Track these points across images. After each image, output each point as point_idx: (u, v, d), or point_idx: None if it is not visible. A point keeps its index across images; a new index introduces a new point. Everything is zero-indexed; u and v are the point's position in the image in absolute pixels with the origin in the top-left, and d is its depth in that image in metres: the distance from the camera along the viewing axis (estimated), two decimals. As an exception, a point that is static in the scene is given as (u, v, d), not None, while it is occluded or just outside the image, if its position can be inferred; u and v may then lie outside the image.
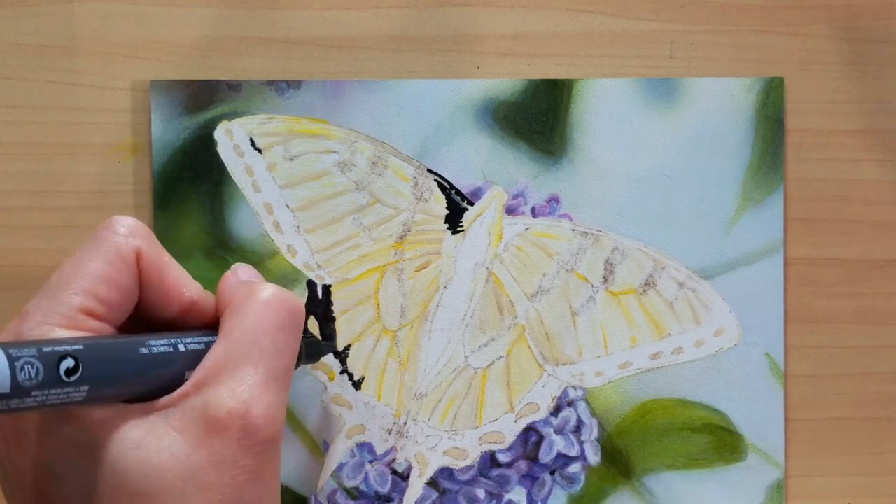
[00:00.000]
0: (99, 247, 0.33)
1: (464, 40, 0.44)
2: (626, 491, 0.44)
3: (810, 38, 0.44)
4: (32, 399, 0.28)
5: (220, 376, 0.32)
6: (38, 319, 0.31)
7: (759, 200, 0.44)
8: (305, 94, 0.43)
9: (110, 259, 0.33)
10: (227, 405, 0.31)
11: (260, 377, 0.32)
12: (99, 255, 0.33)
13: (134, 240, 0.33)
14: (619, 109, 0.44)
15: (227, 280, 0.36)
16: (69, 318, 0.31)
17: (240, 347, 0.33)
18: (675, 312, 0.44)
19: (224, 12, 0.44)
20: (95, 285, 0.32)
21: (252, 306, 0.34)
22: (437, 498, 0.43)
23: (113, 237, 0.33)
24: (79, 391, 0.29)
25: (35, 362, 0.28)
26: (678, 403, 0.44)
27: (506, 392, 0.44)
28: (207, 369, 0.32)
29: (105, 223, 0.34)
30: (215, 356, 0.33)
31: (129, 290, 0.33)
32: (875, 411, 0.45)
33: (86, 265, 0.32)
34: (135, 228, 0.34)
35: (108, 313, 0.32)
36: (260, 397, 0.32)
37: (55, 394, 0.28)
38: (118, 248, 0.33)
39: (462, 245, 0.44)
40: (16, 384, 0.27)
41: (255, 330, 0.33)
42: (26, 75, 0.43)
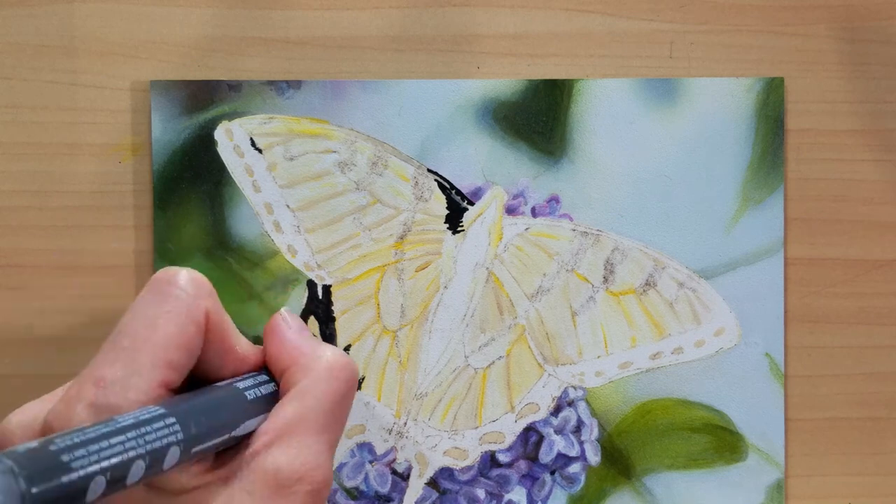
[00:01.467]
0: (171, 307, 0.32)
1: (464, 40, 0.44)
2: (626, 491, 0.44)
3: (810, 38, 0.44)
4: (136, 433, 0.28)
5: (292, 439, 0.32)
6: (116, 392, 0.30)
7: (759, 200, 0.44)
8: (305, 94, 0.43)
9: (183, 322, 0.32)
10: (298, 472, 0.32)
11: (325, 444, 0.33)
12: (171, 318, 0.32)
13: (202, 301, 0.33)
14: (619, 109, 0.44)
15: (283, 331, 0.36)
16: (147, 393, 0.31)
17: (314, 412, 0.33)
18: (675, 312, 0.44)
19: (224, 12, 0.44)
20: (169, 353, 0.31)
21: (324, 373, 0.34)
22: (438, 498, 0.44)
23: (184, 297, 0.32)
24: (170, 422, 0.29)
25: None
26: (678, 403, 0.44)
27: (506, 392, 0.44)
28: (279, 429, 0.32)
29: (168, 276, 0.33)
30: (286, 417, 0.33)
31: (196, 353, 0.33)
32: (875, 411, 0.45)
33: (160, 328, 0.31)
34: (202, 287, 0.33)
35: (178, 379, 0.32)
36: (325, 465, 0.33)
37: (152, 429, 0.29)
38: (190, 311, 0.32)
39: (462, 245, 0.44)
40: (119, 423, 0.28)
41: (326, 397, 0.34)
42: (26, 75, 0.43)
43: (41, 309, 0.43)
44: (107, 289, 0.43)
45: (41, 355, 0.43)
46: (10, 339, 0.43)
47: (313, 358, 0.34)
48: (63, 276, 0.43)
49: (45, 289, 0.43)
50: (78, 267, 0.43)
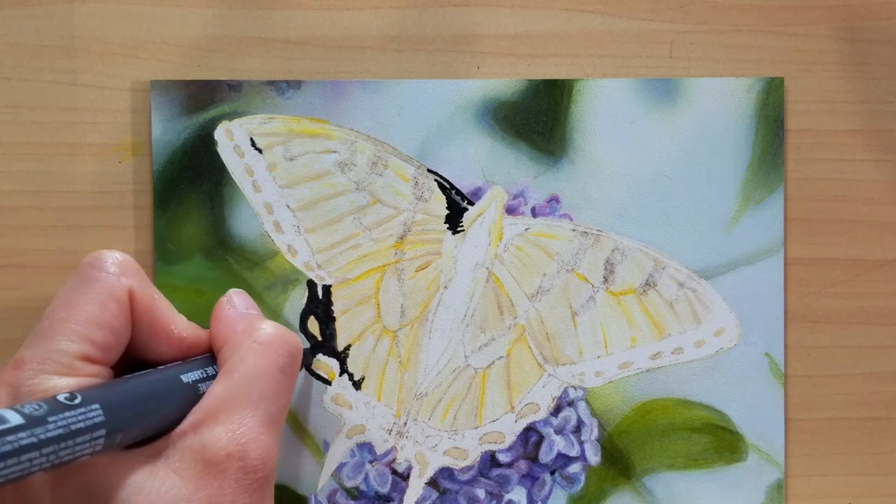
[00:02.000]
0: (91, 287, 0.32)
1: (464, 40, 0.44)
2: (626, 491, 0.44)
3: (810, 38, 0.44)
4: (54, 425, 0.28)
5: (220, 417, 0.32)
6: (34, 368, 0.30)
7: (759, 200, 0.44)
8: (305, 94, 0.43)
9: (103, 301, 0.32)
10: (226, 448, 0.31)
11: (258, 419, 0.32)
12: (92, 298, 0.32)
13: (126, 279, 0.33)
14: (619, 109, 0.44)
15: (224, 310, 0.36)
16: (66, 365, 0.31)
17: (240, 388, 0.33)
18: (675, 312, 0.44)
19: (224, 12, 0.44)
20: (91, 330, 0.31)
21: (252, 346, 0.34)
22: (438, 498, 0.43)
23: (104, 277, 0.33)
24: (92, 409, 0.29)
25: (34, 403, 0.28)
26: (678, 403, 0.44)
27: (506, 392, 0.44)
28: (207, 408, 0.32)
29: (91, 259, 0.33)
30: (214, 396, 0.33)
31: (122, 331, 0.33)
32: (875, 411, 0.45)
33: (79, 308, 0.32)
34: (125, 266, 0.33)
35: (103, 356, 0.32)
36: (258, 439, 0.32)
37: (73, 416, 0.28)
38: (111, 289, 0.32)
39: (462, 245, 0.44)
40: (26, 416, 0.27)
41: (255, 371, 0.33)
42: (26, 75, 0.43)
43: (41, 309, 0.43)
44: (107, 289, 0.43)
45: (41, 355, 0.43)
46: (10, 338, 0.43)
47: (245, 334, 0.34)
48: (63, 276, 0.43)
49: (45, 289, 0.43)
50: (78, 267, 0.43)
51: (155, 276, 0.43)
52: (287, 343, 0.35)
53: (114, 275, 0.33)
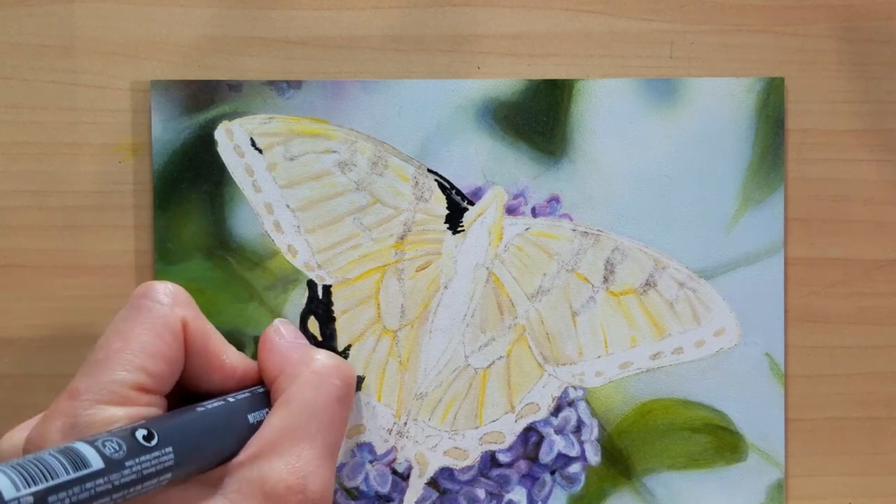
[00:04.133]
0: (145, 318, 0.32)
1: (464, 40, 0.44)
2: (626, 491, 0.44)
3: (810, 38, 0.44)
4: (130, 471, 0.28)
5: (279, 449, 0.32)
6: (90, 398, 0.30)
7: (759, 200, 0.44)
8: (305, 94, 0.43)
9: (158, 331, 0.32)
10: (286, 481, 0.31)
11: (317, 451, 0.32)
12: (146, 328, 0.32)
13: (179, 310, 0.33)
14: (619, 109, 0.44)
15: (274, 341, 0.36)
16: (121, 395, 0.31)
17: (298, 420, 0.33)
18: (675, 312, 0.44)
19: (224, 12, 0.44)
20: (145, 360, 0.31)
21: (310, 377, 0.34)
22: (438, 498, 0.43)
23: (158, 308, 0.32)
24: (165, 454, 0.29)
25: (113, 439, 0.28)
26: (678, 403, 0.44)
27: (506, 392, 0.44)
28: (265, 440, 0.32)
29: (144, 290, 0.33)
30: (273, 427, 0.32)
31: (176, 362, 0.33)
32: (875, 411, 0.45)
33: (134, 339, 0.32)
34: (178, 297, 0.33)
35: (157, 386, 0.32)
36: (317, 472, 0.32)
37: (147, 461, 0.28)
38: (165, 320, 0.32)
39: (462, 245, 0.44)
40: (106, 458, 0.27)
41: (314, 402, 0.33)
42: (26, 75, 0.43)
43: (41, 309, 0.43)
44: (107, 289, 0.43)
45: (41, 355, 0.43)
46: (10, 338, 0.43)
47: (300, 364, 0.34)
48: (63, 276, 0.43)
49: (45, 289, 0.43)
50: (78, 267, 0.43)
51: (155, 276, 0.43)
52: (342, 373, 0.35)
53: (167, 305, 0.33)
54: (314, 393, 0.33)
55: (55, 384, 0.44)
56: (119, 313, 0.33)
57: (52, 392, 0.43)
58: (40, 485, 0.25)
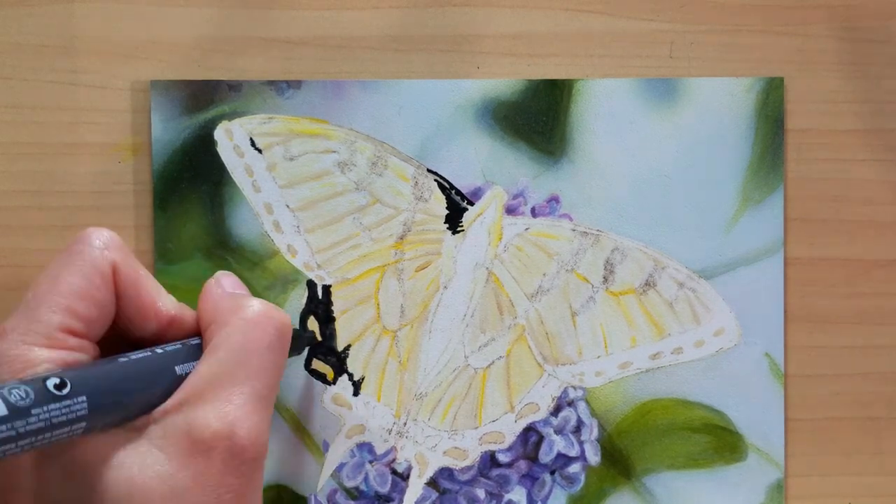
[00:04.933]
0: (74, 261, 0.32)
1: (464, 40, 0.44)
2: (626, 491, 0.44)
3: (810, 38, 0.44)
4: (37, 418, 0.28)
5: (206, 395, 0.32)
6: (15, 339, 0.30)
7: (759, 200, 0.44)
8: (305, 94, 0.43)
9: (87, 274, 0.32)
10: (212, 426, 0.31)
11: (246, 397, 0.32)
12: (75, 270, 0.32)
13: (109, 253, 0.33)
14: (619, 109, 0.44)
15: (212, 291, 0.36)
16: (48, 336, 0.31)
17: (226, 366, 0.32)
18: (675, 312, 0.44)
19: (224, 12, 0.44)
20: (73, 302, 0.31)
21: (239, 323, 0.33)
22: (437, 498, 0.43)
23: (88, 251, 0.33)
24: (78, 402, 0.29)
25: (20, 386, 0.28)
26: (678, 403, 0.44)
27: (506, 392, 0.44)
28: (192, 387, 0.32)
29: (80, 236, 0.33)
30: (200, 374, 0.32)
31: (106, 305, 0.33)
32: (875, 411, 0.45)
33: (62, 281, 0.32)
34: (110, 241, 0.33)
35: (86, 330, 0.32)
36: (246, 418, 0.32)
37: (57, 409, 0.28)
38: (94, 263, 0.32)
39: (462, 245, 0.44)
40: (11, 406, 0.27)
41: (242, 349, 0.33)
42: (26, 75, 0.43)
43: (41, 309, 0.43)
44: (107, 289, 0.43)
45: (41, 355, 0.43)
46: (10, 338, 0.43)
47: (231, 312, 0.34)
48: (63, 276, 0.43)
49: (45, 289, 0.43)
50: (78, 267, 0.43)
51: (155, 276, 0.43)
52: (274, 319, 0.34)
53: (98, 248, 0.33)
54: (243, 339, 0.33)
55: (55, 384, 0.44)
56: (54, 258, 0.33)
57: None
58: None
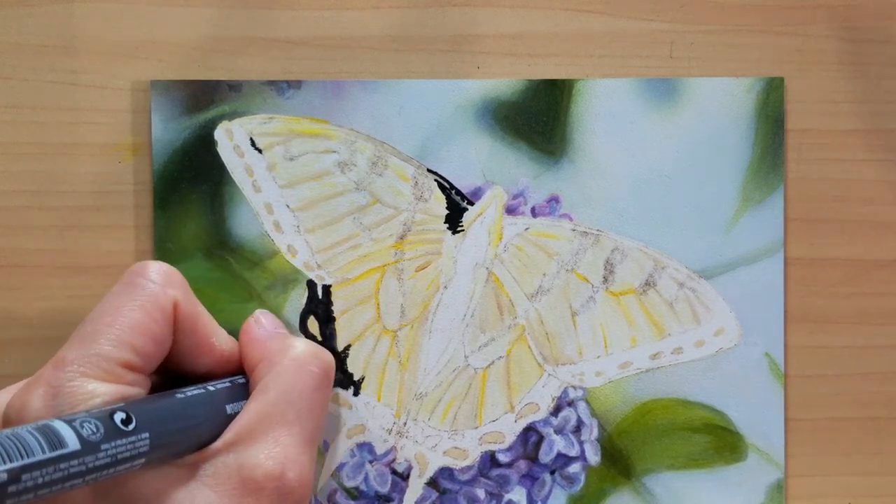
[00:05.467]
0: (136, 295, 0.32)
1: (464, 40, 0.44)
2: (626, 491, 0.44)
3: (810, 38, 0.44)
4: (104, 454, 0.28)
5: (256, 435, 0.32)
6: (74, 370, 0.30)
7: (759, 200, 0.44)
8: (305, 94, 0.43)
9: (148, 309, 0.32)
10: (263, 466, 0.31)
11: (295, 438, 0.32)
12: (137, 306, 0.32)
13: (171, 290, 0.33)
14: (619, 109, 0.44)
15: (254, 330, 0.36)
16: (107, 370, 0.30)
17: (276, 407, 0.33)
18: (675, 312, 0.44)
19: (224, 12, 0.44)
20: (134, 337, 0.31)
21: (288, 364, 0.34)
22: (437, 498, 0.44)
23: (150, 286, 0.32)
24: (141, 439, 0.29)
25: (91, 420, 0.28)
26: (678, 403, 0.44)
27: (506, 392, 0.44)
28: (243, 426, 0.32)
29: (138, 268, 0.33)
30: (250, 414, 0.32)
31: (164, 341, 0.33)
32: (875, 411, 0.45)
33: (124, 315, 0.32)
34: (171, 277, 0.33)
35: (143, 364, 0.32)
36: (295, 459, 0.32)
37: (123, 445, 0.28)
38: (156, 299, 0.32)
39: (462, 245, 0.44)
40: (83, 440, 0.27)
41: (291, 390, 0.33)
42: (26, 75, 0.43)
43: (41, 309, 0.43)
44: (107, 289, 0.43)
45: (41, 355, 0.43)
46: (10, 339, 0.43)
47: (279, 353, 0.34)
48: (63, 276, 0.43)
49: (45, 289, 0.43)
50: (78, 267, 0.43)
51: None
52: (320, 360, 0.35)
53: (159, 285, 0.33)
54: (292, 380, 0.33)
55: (55, 384, 0.44)
56: (112, 289, 0.33)
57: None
58: (16, 462, 0.25)
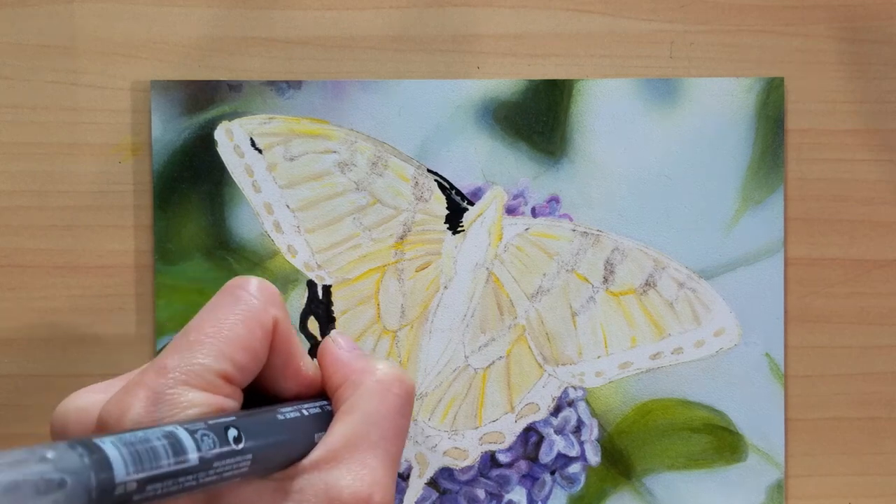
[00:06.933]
0: (239, 309, 0.32)
1: (464, 40, 0.44)
2: (626, 491, 0.44)
3: (810, 38, 0.44)
4: (214, 471, 0.27)
5: (342, 457, 0.32)
6: (176, 377, 0.30)
7: (759, 200, 0.44)
8: (305, 94, 0.43)
9: (250, 325, 0.32)
10: (351, 487, 0.31)
11: (380, 461, 0.32)
12: (240, 319, 0.32)
13: (273, 308, 0.33)
14: (619, 109, 0.44)
15: (333, 351, 0.36)
16: (207, 381, 0.31)
17: (361, 428, 0.33)
18: (675, 312, 0.44)
19: (224, 12, 0.44)
20: (235, 350, 0.31)
21: (373, 385, 0.34)
22: (438, 498, 0.44)
23: (252, 301, 0.33)
24: (245, 459, 0.29)
25: (210, 433, 0.28)
26: (678, 403, 0.44)
27: (506, 392, 0.44)
28: (329, 447, 0.32)
29: (242, 282, 0.33)
30: (336, 434, 0.32)
31: (261, 358, 0.33)
32: (875, 411, 0.45)
33: (227, 327, 0.32)
34: (273, 296, 0.33)
35: (240, 379, 0.32)
36: (381, 482, 0.32)
37: (229, 464, 0.28)
38: (258, 316, 0.32)
39: (462, 245, 0.44)
40: (201, 454, 0.27)
41: (376, 411, 0.33)
42: (26, 75, 0.43)
43: (41, 309, 0.43)
44: (107, 289, 0.43)
45: (41, 355, 0.43)
46: (10, 339, 0.43)
47: (363, 373, 0.34)
48: (63, 276, 0.43)
49: (45, 289, 0.43)
50: (78, 267, 0.43)
51: (155, 276, 0.43)
52: (405, 384, 0.35)
53: (261, 301, 0.33)
54: (378, 403, 0.33)
55: (55, 384, 0.44)
56: (213, 299, 0.33)
57: (53, 392, 0.44)
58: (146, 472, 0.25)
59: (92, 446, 0.24)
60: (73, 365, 0.43)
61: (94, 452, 0.24)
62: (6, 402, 0.44)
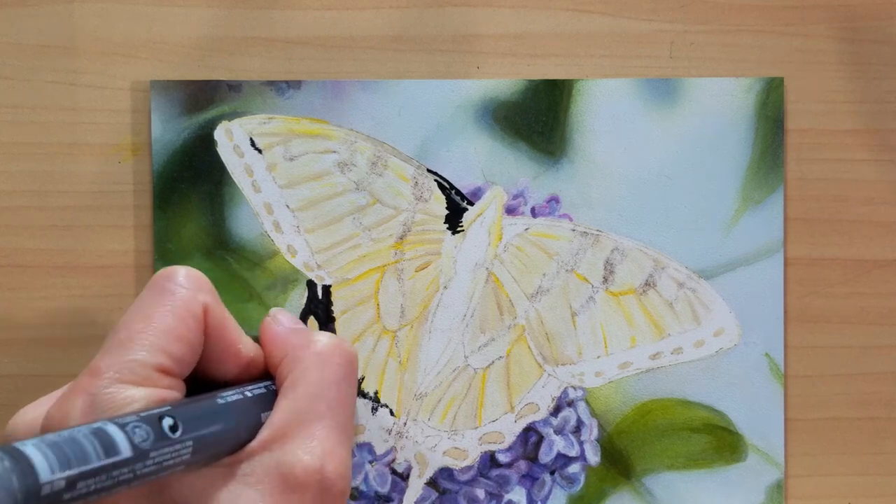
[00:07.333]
0: (167, 301, 0.32)
1: (464, 40, 0.44)
2: (626, 491, 0.44)
3: (810, 38, 0.44)
4: (151, 462, 0.27)
5: (290, 432, 0.32)
6: (111, 377, 0.30)
7: (759, 200, 0.44)
8: (305, 94, 0.43)
9: (180, 315, 0.32)
10: (302, 461, 0.31)
11: (328, 430, 0.32)
12: (168, 310, 0.32)
13: (201, 295, 0.33)
14: (619, 109, 0.44)
15: (273, 329, 0.36)
16: (143, 376, 0.31)
17: (306, 402, 0.33)
18: (675, 312, 0.44)
19: (224, 12, 0.44)
20: (168, 342, 0.31)
21: (312, 358, 0.34)
22: (437, 498, 0.44)
23: (180, 290, 0.33)
24: (185, 447, 0.29)
25: (142, 425, 0.28)
26: (678, 403, 0.44)
27: (506, 392, 0.44)
28: (276, 425, 0.32)
29: (167, 273, 0.33)
30: (281, 411, 0.32)
31: (197, 346, 0.33)
32: (875, 411, 0.45)
33: (157, 320, 0.32)
34: (200, 282, 0.33)
35: (178, 370, 0.32)
36: (333, 452, 0.32)
37: (167, 454, 0.28)
38: (187, 304, 0.32)
39: (462, 245, 0.44)
40: (134, 446, 0.27)
41: (319, 382, 0.33)
42: (26, 75, 0.43)
43: (41, 309, 0.43)
44: (107, 289, 0.43)
45: (41, 355, 0.44)
46: (10, 339, 0.43)
47: (302, 347, 0.34)
48: (63, 276, 0.43)
49: (45, 289, 0.43)
50: (78, 267, 0.43)
51: (155, 276, 0.43)
52: (344, 351, 0.35)
53: (190, 290, 0.33)
54: (319, 374, 0.33)
55: (55, 384, 0.44)
56: (141, 295, 0.33)
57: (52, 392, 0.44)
58: (74, 469, 0.25)
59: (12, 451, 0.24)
60: (73, 365, 0.44)
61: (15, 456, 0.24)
62: (6, 402, 0.44)
